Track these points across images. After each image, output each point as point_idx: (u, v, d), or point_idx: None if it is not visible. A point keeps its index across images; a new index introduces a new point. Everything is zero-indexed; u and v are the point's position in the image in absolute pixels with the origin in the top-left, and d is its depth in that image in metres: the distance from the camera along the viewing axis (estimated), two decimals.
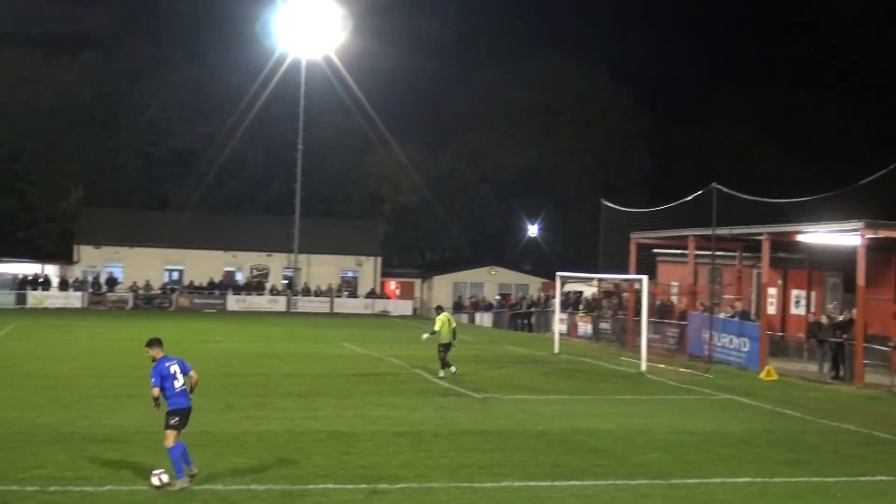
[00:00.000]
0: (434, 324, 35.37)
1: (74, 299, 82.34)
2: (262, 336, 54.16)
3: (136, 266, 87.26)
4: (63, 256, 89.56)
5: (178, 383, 16.67)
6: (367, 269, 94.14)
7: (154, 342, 17.00)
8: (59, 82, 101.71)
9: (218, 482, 16.65)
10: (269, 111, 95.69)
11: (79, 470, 17.33)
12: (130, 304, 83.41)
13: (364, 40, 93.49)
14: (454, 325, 35.19)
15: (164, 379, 16.47)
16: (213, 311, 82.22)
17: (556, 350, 46.84)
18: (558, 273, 51.43)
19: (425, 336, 35.80)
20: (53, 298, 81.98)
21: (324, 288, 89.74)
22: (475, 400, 28.47)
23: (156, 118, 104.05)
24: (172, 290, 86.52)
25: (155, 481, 15.81)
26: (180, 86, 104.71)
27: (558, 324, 52.23)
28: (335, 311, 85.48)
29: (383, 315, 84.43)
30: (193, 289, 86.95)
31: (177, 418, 16.37)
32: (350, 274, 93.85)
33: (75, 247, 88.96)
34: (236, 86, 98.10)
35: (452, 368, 34.14)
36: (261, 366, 36.99)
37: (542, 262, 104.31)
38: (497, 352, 47.71)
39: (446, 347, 34.41)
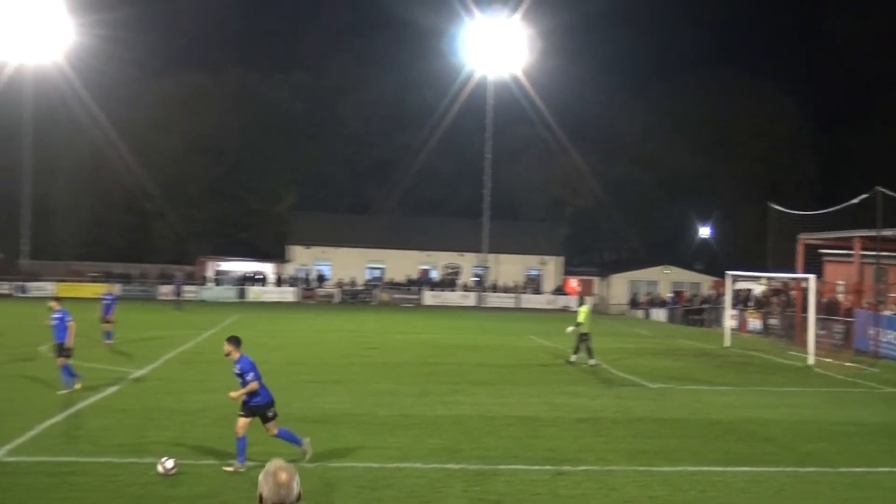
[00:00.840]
0: (577, 315, 35.32)
1: (288, 294, 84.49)
2: (455, 328, 54.56)
3: (341, 264, 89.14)
4: (278, 256, 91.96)
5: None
6: (550, 268, 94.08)
7: (232, 341, 16.44)
8: (273, 99, 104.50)
9: (417, 461, 16.87)
10: (459, 122, 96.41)
11: (293, 448, 17.75)
12: (337, 298, 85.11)
13: (548, 56, 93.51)
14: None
15: (245, 374, 16.11)
16: (411, 305, 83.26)
17: (727, 344, 45.97)
18: (729, 272, 50.45)
19: (570, 329, 35.60)
20: (269, 293, 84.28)
21: (510, 285, 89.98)
22: (651, 390, 28.16)
23: (359, 131, 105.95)
24: (374, 286, 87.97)
25: (168, 465, 15.17)
26: (380, 100, 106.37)
27: (729, 319, 51.15)
28: (521, 306, 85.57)
29: (565, 310, 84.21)
30: (393, 285, 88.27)
31: (261, 411, 16.16)
32: (534, 272, 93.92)
33: (288, 247, 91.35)
34: (430, 99, 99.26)
35: (574, 357, 34.60)
36: (454, 356, 37.27)
37: (713, 261, 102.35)
38: (671, 345, 47.06)
39: (587, 337, 34.65)
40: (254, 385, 16.00)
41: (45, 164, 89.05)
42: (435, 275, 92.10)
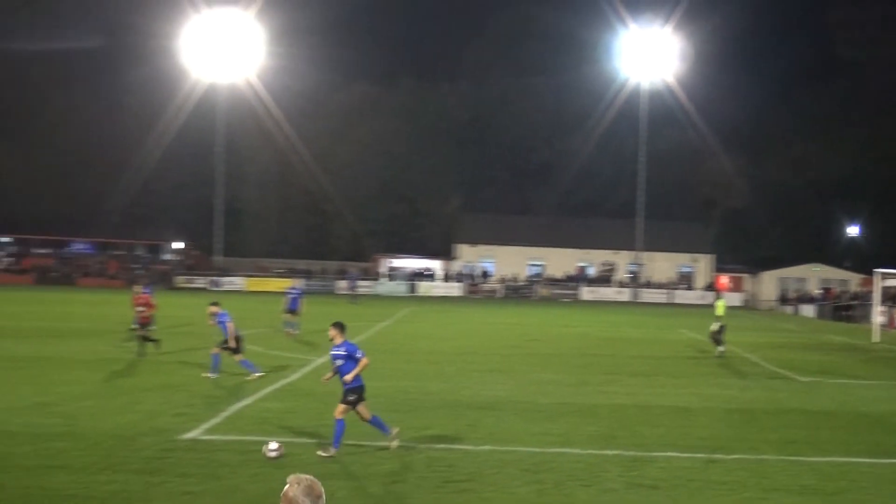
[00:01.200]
0: (716, 309, 34.63)
1: (454, 289, 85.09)
2: (610, 322, 54.11)
3: (504, 261, 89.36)
4: (445, 253, 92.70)
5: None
6: (701, 265, 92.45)
7: (337, 326, 16.17)
8: (441, 108, 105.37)
9: (576, 446, 16.80)
10: (614, 127, 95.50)
11: (461, 431, 17.88)
12: (500, 293, 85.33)
13: (698, 64, 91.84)
14: None
15: (350, 359, 15.81)
16: (568, 300, 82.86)
17: (876, 340, 44.41)
18: (877, 270, 48.70)
19: (713, 327, 34.77)
20: (437, 288, 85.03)
21: (663, 281, 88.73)
22: (800, 383, 27.40)
23: (521, 136, 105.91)
24: (535, 282, 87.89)
25: (271, 454, 14.71)
26: (540, 108, 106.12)
27: (878, 316, 49.40)
28: (673, 301, 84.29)
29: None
30: (552, 281, 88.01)
31: (354, 396, 15.78)
32: (686, 269, 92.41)
33: (455, 245, 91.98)
34: (586, 106, 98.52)
35: (721, 348, 33.87)
36: (609, 348, 36.97)
37: (861, 259, 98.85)
38: (820, 340, 45.67)
39: (724, 329, 34.20)
40: (364, 361, 15.74)
41: (236, 171, 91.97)
42: (592, 271, 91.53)
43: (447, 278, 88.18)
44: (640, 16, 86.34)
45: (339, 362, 15.80)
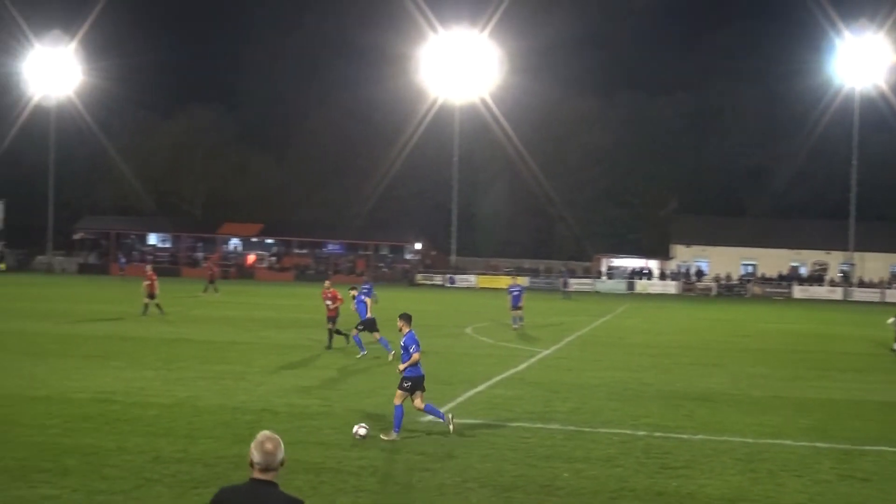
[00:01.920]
0: None
1: (670, 287, 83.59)
2: (822, 320, 51.85)
3: (718, 261, 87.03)
4: (662, 253, 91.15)
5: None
6: None
7: (404, 317, 16.03)
8: (659, 117, 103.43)
9: (788, 438, 16.22)
10: (828, 132, 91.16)
11: (677, 421, 17.59)
12: (714, 291, 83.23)
13: None
14: None
15: (408, 348, 15.53)
16: (781, 298, 79.87)
17: None
18: None
19: (890, 321, 32.53)
20: (654, 286, 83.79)
21: (875, 280, 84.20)
22: None
23: (735, 142, 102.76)
24: (748, 281, 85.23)
25: (361, 432, 14.86)
26: (755, 114, 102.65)
27: None
28: (886, 300, 79.82)
29: None
30: (764, 280, 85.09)
31: (409, 383, 15.46)
32: None
33: (671, 246, 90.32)
34: (798, 112, 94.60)
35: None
36: (821, 344, 35.53)
37: None
38: None
39: None
40: (416, 356, 15.45)
41: (469, 178, 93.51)
42: (804, 271, 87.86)
43: (663, 277, 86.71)
44: (851, 23, 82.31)
45: (402, 351, 15.79)
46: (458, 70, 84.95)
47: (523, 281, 70.39)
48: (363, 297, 27.47)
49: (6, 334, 29.21)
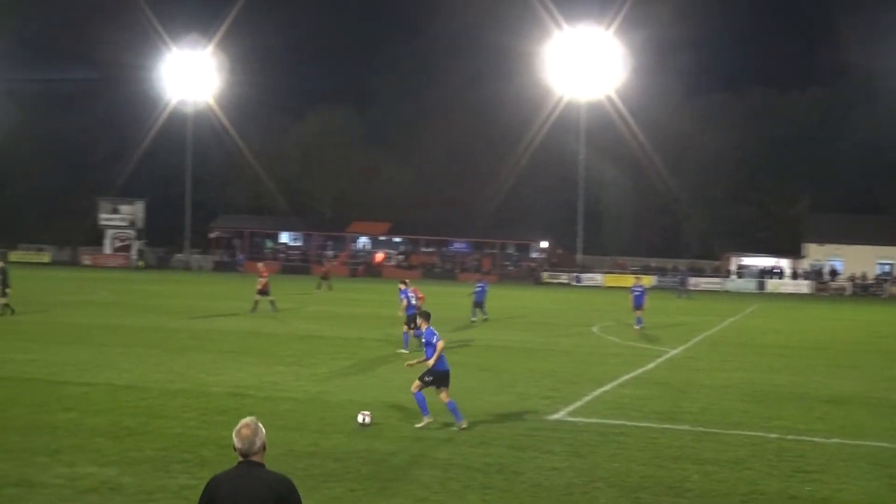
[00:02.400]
0: None
1: (802, 286, 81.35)
2: None
3: (853, 260, 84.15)
4: (793, 252, 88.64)
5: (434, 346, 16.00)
6: None
7: (423, 315, 16.54)
8: (789, 113, 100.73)
9: None
10: None
11: (810, 423, 17.09)
12: (848, 291, 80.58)
13: None
14: None
15: (428, 344, 16.01)
16: None
17: None
18: None
19: None
20: (786, 286, 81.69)
21: None
22: None
23: (870, 138, 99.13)
24: (884, 280, 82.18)
25: (365, 420, 15.39)
26: (891, 109, 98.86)
27: None
28: None
29: None
30: None
31: (431, 378, 15.82)
32: None
33: (803, 244, 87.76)
34: None
35: None
36: None
37: None
38: None
39: None
40: (441, 345, 15.85)
41: (595, 176, 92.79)
42: None
43: (795, 276, 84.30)
44: None
45: (426, 346, 16.15)
46: (584, 67, 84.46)
47: (649, 280, 69.64)
48: (409, 291, 28.60)
49: (147, 330, 30.31)
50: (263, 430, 6.40)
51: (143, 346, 26.06)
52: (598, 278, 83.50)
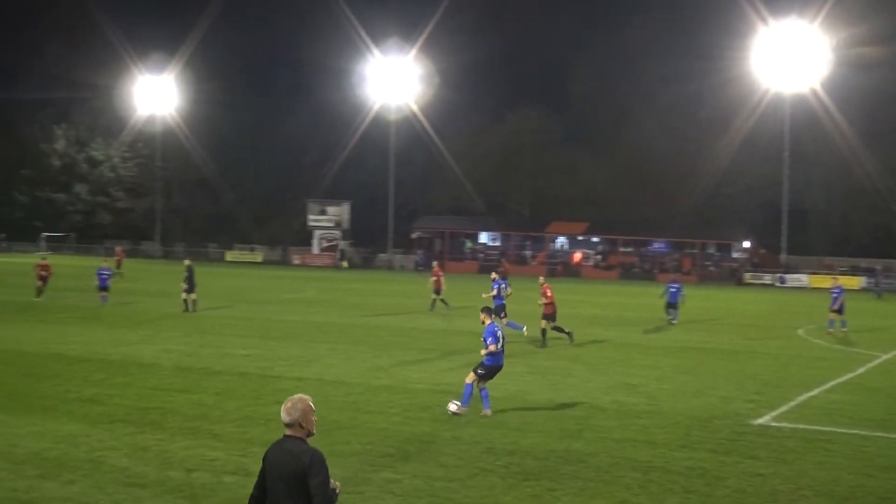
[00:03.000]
0: None
1: None
2: None
3: None
4: None
5: (498, 345, 16.46)
6: None
7: (486, 311, 17.20)
8: None
9: None
10: None
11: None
12: None
13: None
14: None
15: (496, 340, 16.40)
16: None
17: None
18: None
19: None
20: None
21: None
22: None
23: None
24: None
25: (452, 408, 16.11)
26: None
27: None
28: None
29: None
30: None
31: (483, 371, 16.43)
32: None
33: None
34: None
35: None
36: None
37: None
38: None
39: None
40: (492, 348, 16.30)
41: (801, 174, 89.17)
42: None
43: None
44: None
45: (483, 340, 16.66)
46: (788, 62, 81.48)
47: (857, 282, 66.59)
48: (501, 283, 31.81)
49: (352, 327, 31.31)
50: (307, 410, 7.30)
51: (349, 342, 26.94)
52: (803, 279, 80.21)
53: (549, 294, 28.90)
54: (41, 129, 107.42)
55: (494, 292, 31.29)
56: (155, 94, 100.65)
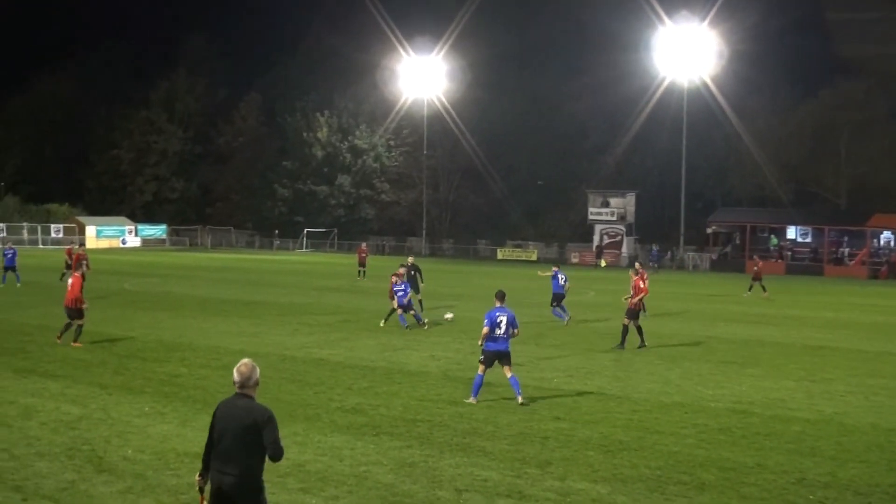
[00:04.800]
0: None
1: None
2: None
3: None
4: None
5: (500, 331, 18.30)
6: None
7: (499, 295, 18.95)
8: None
9: None
10: None
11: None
12: None
13: None
14: None
15: (492, 324, 18.32)
16: None
17: None
18: None
19: None
20: None
21: None
22: None
23: None
24: None
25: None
26: None
27: None
28: None
29: None
30: None
31: (482, 356, 18.51)
32: None
33: None
34: None
35: None
36: None
37: None
38: None
39: None
40: (485, 330, 18.33)
41: None
42: None
43: None
44: None
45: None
46: None
47: None
48: (559, 274, 35.19)
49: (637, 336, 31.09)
50: (258, 371, 9.04)
51: (633, 352, 26.75)
52: None
53: (641, 286, 28.82)
54: (303, 117, 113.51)
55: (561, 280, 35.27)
56: (421, 78, 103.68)
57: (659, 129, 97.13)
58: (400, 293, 31.27)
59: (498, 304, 18.72)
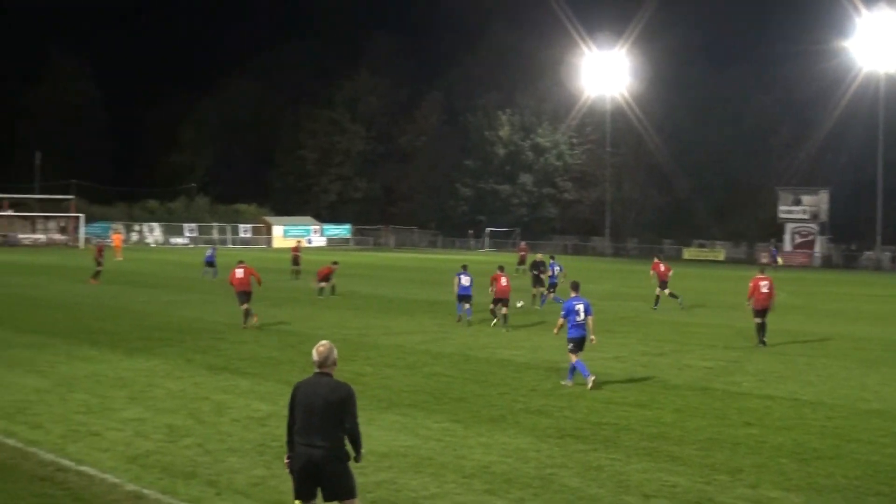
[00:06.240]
0: None
1: None
2: None
3: None
4: None
5: (579, 318, 20.02)
6: None
7: (574, 285, 21.18)
8: None
9: None
10: None
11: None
12: None
13: None
14: None
15: (569, 313, 20.20)
16: None
17: None
18: None
19: None
20: None
21: None
22: None
23: None
24: None
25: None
26: None
27: None
28: None
29: None
30: None
31: (571, 344, 20.20)
32: None
33: None
34: None
35: None
36: None
37: None
38: None
39: None
40: (560, 321, 20.64)
41: None
42: None
43: None
44: None
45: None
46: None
47: None
48: (555, 266, 38.77)
49: (834, 338, 30.14)
50: (336, 351, 9.59)
51: (829, 356, 26.05)
52: None
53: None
54: (485, 115, 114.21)
55: (549, 273, 38.85)
56: (604, 73, 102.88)
57: (854, 123, 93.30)
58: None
59: (573, 294, 20.84)
